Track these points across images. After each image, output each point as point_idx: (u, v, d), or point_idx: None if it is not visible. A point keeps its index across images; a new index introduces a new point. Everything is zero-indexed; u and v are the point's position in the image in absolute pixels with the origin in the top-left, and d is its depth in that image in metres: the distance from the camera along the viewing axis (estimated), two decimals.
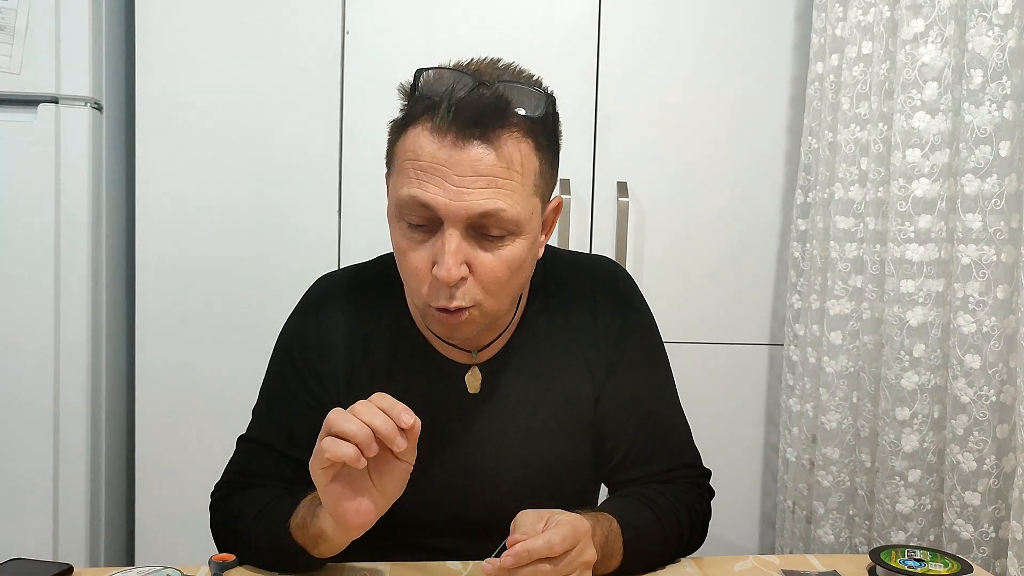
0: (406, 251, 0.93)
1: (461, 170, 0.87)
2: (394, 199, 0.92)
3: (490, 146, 0.88)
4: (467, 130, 0.87)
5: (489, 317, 0.96)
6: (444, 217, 0.88)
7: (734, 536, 1.96)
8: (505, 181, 0.89)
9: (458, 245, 0.89)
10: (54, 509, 1.68)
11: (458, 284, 0.90)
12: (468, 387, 1.06)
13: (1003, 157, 1.29)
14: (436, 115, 0.87)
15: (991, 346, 1.30)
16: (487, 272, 0.91)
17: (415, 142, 0.89)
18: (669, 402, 1.14)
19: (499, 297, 0.94)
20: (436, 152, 0.87)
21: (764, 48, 1.88)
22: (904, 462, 1.44)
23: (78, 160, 1.66)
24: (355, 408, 0.82)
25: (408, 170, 0.89)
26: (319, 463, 0.83)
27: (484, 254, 0.91)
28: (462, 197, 0.87)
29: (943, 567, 1.02)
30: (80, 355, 1.68)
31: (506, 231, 0.91)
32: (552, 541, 0.83)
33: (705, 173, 1.89)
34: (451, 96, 0.87)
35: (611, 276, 1.14)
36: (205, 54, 1.76)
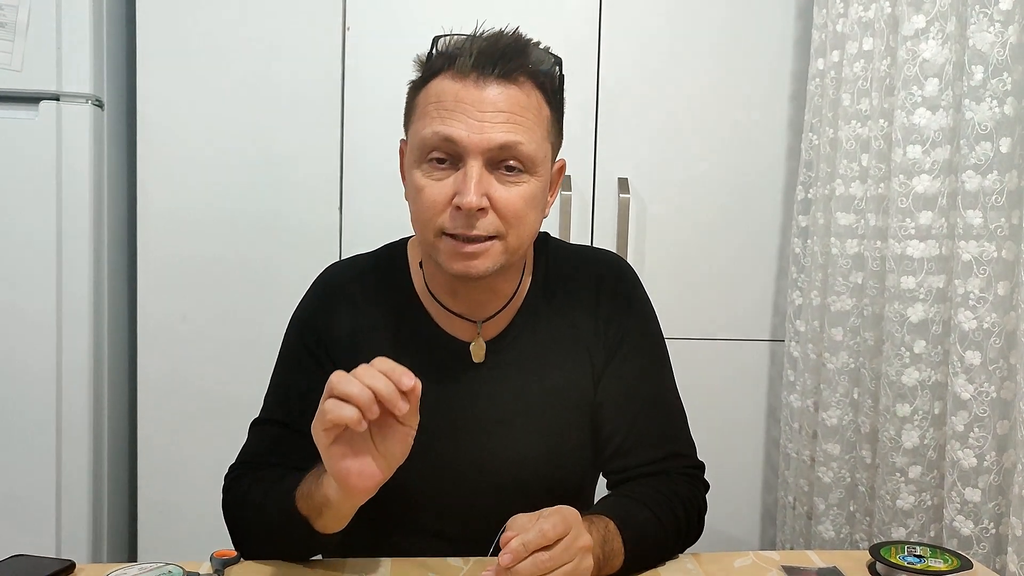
0: (425, 188, 0.97)
1: (482, 107, 0.94)
2: (416, 142, 0.98)
3: (508, 86, 0.96)
4: (487, 71, 0.95)
5: (508, 253, 0.99)
6: (467, 149, 0.94)
7: (735, 532, 1.96)
8: (522, 119, 0.96)
9: (480, 175, 0.94)
10: (57, 506, 1.69)
11: (478, 214, 0.95)
12: (473, 356, 1.08)
13: (1004, 153, 1.29)
14: (458, 60, 0.95)
15: (992, 342, 1.30)
16: (506, 205, 0.96)
17: (438, 88, 0.97)
18: (667, 390, 1.15)
19: (517, 230, 0.98)
20: (459, 92, 0.95)
21: (765, 44, 1.88)
22: (904, 458, 1.44)
23: (79, 157, 1.66)
24: (356, 371, 0.83)
25: (431, 111, 0.96)
26: (321, 424, 0.84)
27: (502, 188, 0.96)
28: (483, 130, 0.94)
29: (943, 563, 1.02)
30: (82, 353, 1.69)
31: (522, 166, 0.97)
32: (544, 528, 0.84)
33: (706, 169, 1.89)
34: (471, 45, 0.96)
35: (614, 267, 1.16)
36: (206, 51, 1.76)
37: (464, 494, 1.09)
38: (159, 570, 0.87)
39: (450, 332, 1.09)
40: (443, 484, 1.08)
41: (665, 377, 1.16)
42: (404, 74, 1.71)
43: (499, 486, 1.08)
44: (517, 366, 1.10)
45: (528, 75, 0.97)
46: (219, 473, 1.79)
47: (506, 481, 1.08)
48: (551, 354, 1.11)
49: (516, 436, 1.09)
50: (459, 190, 0.94)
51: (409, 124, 1.02)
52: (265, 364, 1.77)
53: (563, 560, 0.85)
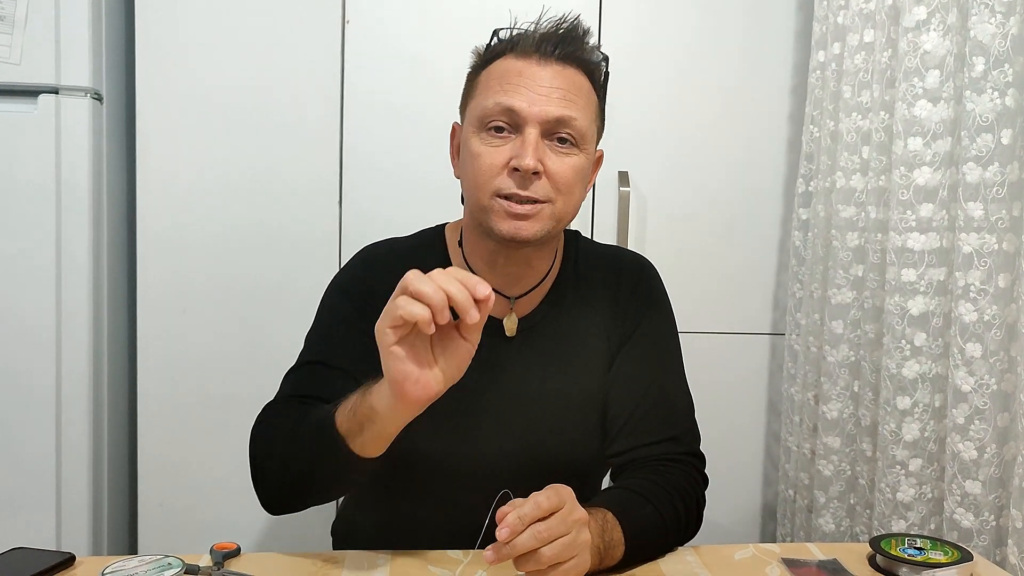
0: (483, 154, 1.04)
1: (542, 82, 1.03)
2: (477, 113, 1.06)
3: (565, 67, 1.06)
4: (547, 52, 1.05)
5: (555, 219, 1.06)
6: (525, 118, 1.02)
7: (735, 525, 1.96)
8: (576, 97, 1.05)
9: (537, 141, 1.03)
10: (56, 499, 1.69)
11: (533, 178, 1.03)
12: (506, 330, 1.14)
13: (1005, 145, 1.28)
14: (521, 43, 1.05)
15: (992, 335, 1.30)
16: (558, 172, 1.04)
17: (501, 66, 1.06)
18: (675, 379, 1.20)
19: (565, 198, 1.06)
20: (522, 68, 1.04)
21: (766, 36, 1.88)
22: (905, 451, 1.44)
23: (79, 151, 1.66)
24: (432, 273, 0.84)
25: (495, 85, 1.05)
26: (389, 321, 0.83)
27: (555, 157, 1.04)
28: (541, 103, 1.03)
29: (943, 555, 1.02)
30: (82, 345, 1.69)
31: (573, 140, 1.05)
32: (539, 500, 0.85)
33: (706, 162, 1.88)
34: (534, 31, 1.06)
35: (637, 264, 1.24)
36: (205, 44, 1.75)
37: (479, 466, 1.11)
38: (159, 562, 0.87)
39: None
40: (460, 454, 1.11)
41: (674, 367, 1.21)
42: (402, 64, 1.71)
43: (514, 461, 1.11)
44: (544, 344, 1.15)
45: (581, 63, 1.07)
46: (218, 466, 1.80)
47: (522, 457, 1.12)
48: (574, 337, 1.17)
49: (536, 413, 1.13)
50: (517, 154, 1.02)
51: (468, 102, 1.10)
52: (265, 357, 1.79)
53: (560, 531, 0.86)
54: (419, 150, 1.80)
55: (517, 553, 0.84)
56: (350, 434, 0.92)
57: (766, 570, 1.03)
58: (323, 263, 1.80)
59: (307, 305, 1.21)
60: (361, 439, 0.92)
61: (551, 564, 0.85)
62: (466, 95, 1.11)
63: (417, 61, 1.79)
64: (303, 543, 1.81)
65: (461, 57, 1.15)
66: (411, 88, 1.80)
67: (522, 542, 0.84)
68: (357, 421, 0.91)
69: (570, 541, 0.87)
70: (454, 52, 1.77)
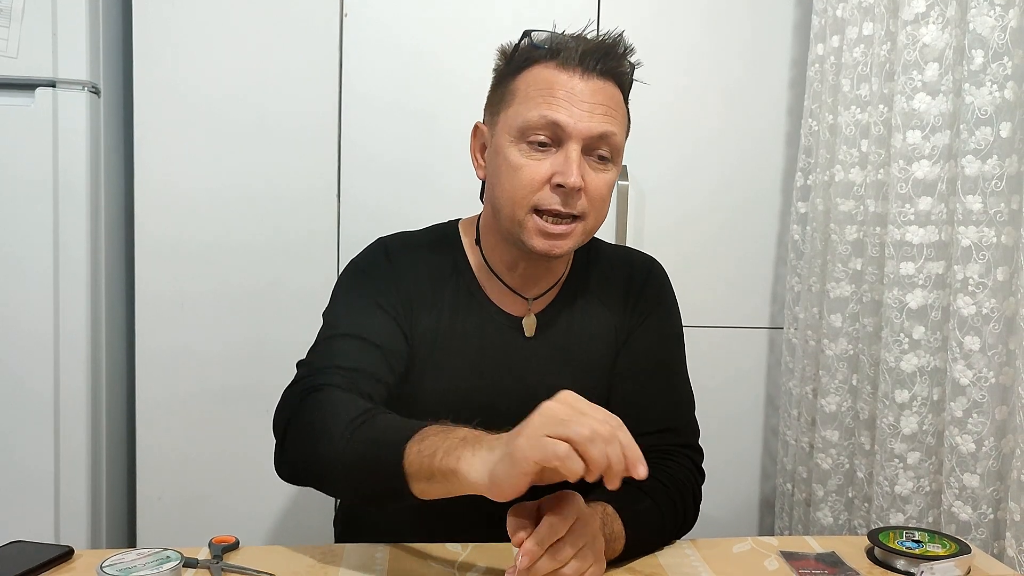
0: (524, 167, 1.04)
1: (585, 97, 1.03)
2: (517, 123, 1.05)
3: (606, 82, 1.05)
4: (591, 66, 1.04)
5: (586, 234, 1.09)
6: (570, 134, 1.02)
7: (733, 519, 1.96)
8: (615, 112, 1.06)
9: (580, 158, 1.03)
10: (55, 492, 1.69)
11: (576, 194, 1.04)
12: (525, 330, 1.17)
13: (1004, 138, 1.28)
14: (563, 54, 1.04)
15: (991, 328, 1.30)
16: (595, 188, 1.05)
17: (541, 75, 1.05)
18: (676, 373, 1.22)
19: (597, 213, 1.08)
20: (566, 81, 1.03)
21: (765, 30, 1.87)
22: (903, 444, 1.44)
23: (76, 144, 1.65)
24: (599, 431, 0.77)
25: (536, 96, 1.04)
26: (540, 457, 0.76)
27: (593, 173, 1.05)
28: (585, 119, 1.03)
29: (941, 548, 1.03)
30: (80, 339, 1.68)
31: (610, 156, 1.06)
32: (554, 522, 0.85)
33: (705, 156, 1.88)
34: (577, 41, 1.05)
35: (647, 265, 1.26)
36: (203, 38, 1.75)
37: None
38: (157, 555, 0.87)
39: (501, 306, 1.17)
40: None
41: (677, 364, 1.23)
42: (401, 58, 1.71)
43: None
44: (559, 342, 1.18)
45: (618, 76, 1.07)
46: (217, 460, 1.80)
47: None
48: (586, 335, 1.19)
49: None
50: (561, 171, 1.02)
51: (504, 106, 1.08)
52: (264, 350, 1.79)
53: (577, 546, 0.87)
54: (420, 148, 1.80)
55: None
56: (415, 476, 0.86)
57: (764, 563, 1.03)
58: (322, 259, 1.80)
59: (306, 300, 1.21)
60: (425, 486, 0.87)
61: None
62: (498, 99, 1.10)
63: (416, 57, 1.79)
64: (303, 537, 1.81)
65: (462, 52, 1.15)
66: (411, 84, 1.79)
67: (542, 566, 0.84)
68: (430, 472, 0.85)
69: (587, 553, 0.88)
70: (454, 47, 1.78)
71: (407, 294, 1.14)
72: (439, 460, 0.84)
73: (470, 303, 1.16)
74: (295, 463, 1.02)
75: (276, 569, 0.96)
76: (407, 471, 0.86)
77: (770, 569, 1.01)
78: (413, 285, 1.14)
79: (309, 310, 1.18)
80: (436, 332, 1.14)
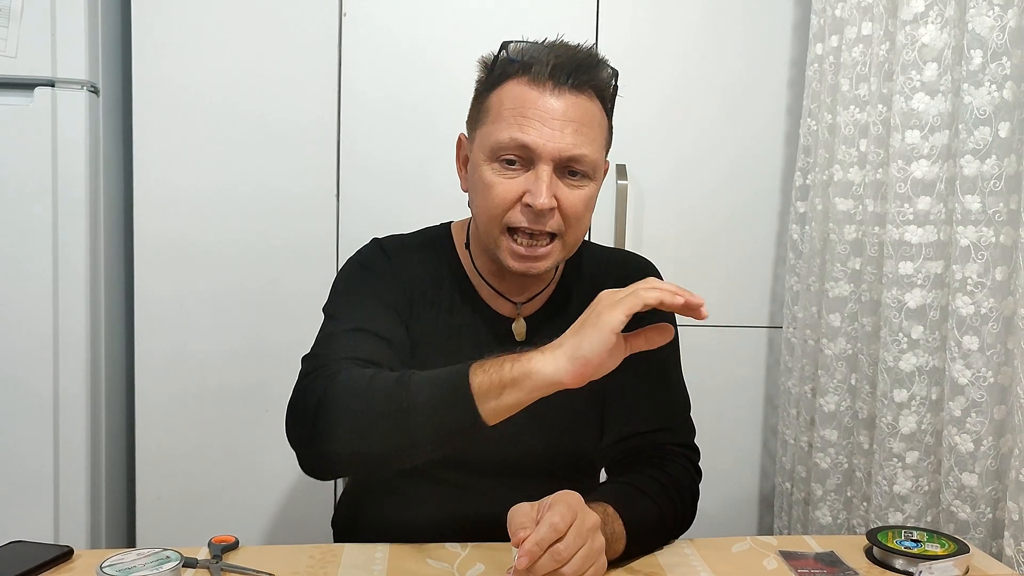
0: (495, 185, 1.04)
1: (555, 114, 1.02)
2: (489, 143, 1.04)
3: (578, 96, 1.03)
4: (562, 81, 1.02)
5: (565, 251, 1.08)
6: (540, 155, 1.02)
7: (732, 518, 1.97)
8: (588, 129, 1.04)
9: (551, 179, 1.02)
10: (55, 493, 1.69)
11: (547, 214, 1.03)
12: (515, 335, 1.16)
13: (1002, 138, 1.28)
14: (534, 68, 1.02)
15: (989, 328, 1.30)
16: (569, 206, 1.04)
17: (513, 92, 1.04)
18: (671, 373, 1.21)
19: (575, 230, 1.07)
20: (536, 99, 1.02)
21: (764, 30, 1.88)
22: (902, 444, 1.44)
23: (75, 144, 1.66)
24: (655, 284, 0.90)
25: (508, 116, 1.03)
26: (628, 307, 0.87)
27: (567, 191, 1.05)
28: (556, 139, 1.01)
29: (940, 547, 1.03)
30: (79, 339, 1.68)
31: (585, 173, 1.05)
32: (553, 522, 0.85)
33: (704, 155, 1.88)
34: (549, 55, 1.03)
35: (641, 266, 1.25)
36: (202, 37, 1.75)
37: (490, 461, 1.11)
38: (157, 555, 0.87)
39: (494, 308, 1.17)
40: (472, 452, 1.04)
41: (672, 362, 1.22)
42: (400, 57, 1.71)
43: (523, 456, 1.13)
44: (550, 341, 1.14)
45: (594, 88, 1.05)
46: (217, 459, 1.80)
47: (530, 453, 1.13)
48: None
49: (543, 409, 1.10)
50: (531, 191, 1.02)
51: (479, 123, 1.08)
52: (263, 350, 1.79)
53: (578, 545, 0.86)
54: (419, 149, 1.80)
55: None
56: (485, 395, 0.87)
57: (763, 562, 1.03)
58: (321, 261, 1.80)
59: (305, 301, 1.21)
60: (495, 403, 0.87)
61: None
62: (475, 115, 1.10)
63: (416, 58, 1.79)
64: (302, 537, 1.81)
65: (460, 54, 1.15)
66: (410, 86, 1.79)
67: (542, 565, 0.84)
68: (500, 385, 0.87)
69: (587, 552, 0.88)
70: (454, 49, 1.78)
71: (407, 291, 1.14)
72: (507, 371, 0.87)
73: (465, 303, 1.17)
74: (331, 442, 0.94)
75: (275, 569, 0.96)
76: (476, 392, 0.88)
77: (769, 568, 1.01)
78: (412, 283, 1.15)
79: (308, 311, 1.18)
80: (434, 330, 1.14)
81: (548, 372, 0.86)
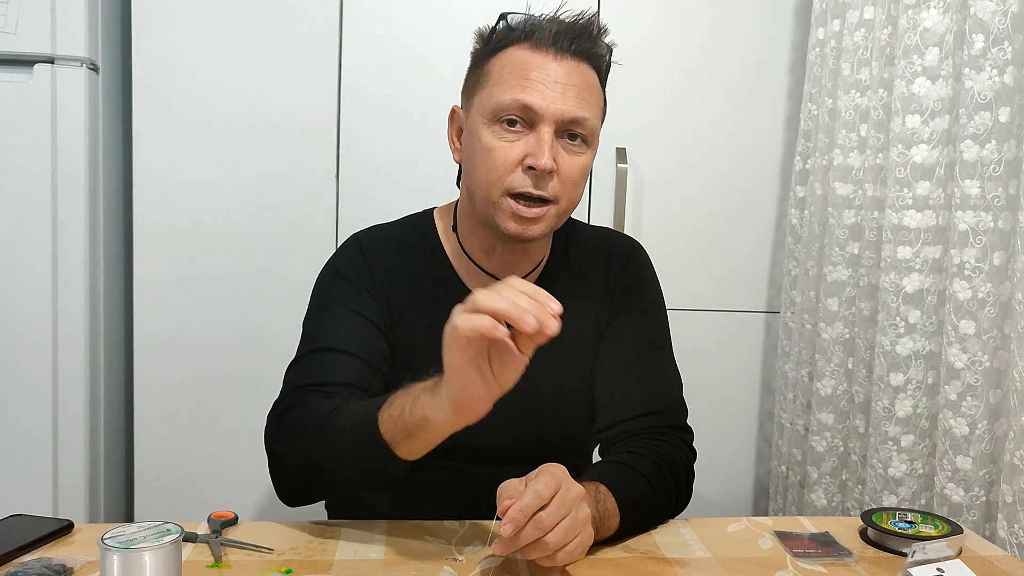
0: (496, 149, 1.04)
1: (558, 78, 1.03)
2: (491, 104, 1.04)
3: (580, 63, 1.05)
4: (564, 47, 1.03)
5: (559, 218, 1.08)
6: (543, 116, 1.02)
7: (728, 501, 1.98)
8: (588, 95, 1.05)
9: (552, 140, 1.03)
10: (54, 467, 1.69)
11: (548, 177, 1.03)
12: None
13: (1003, 123, 1.28)
14: (536, 35, 1.04)
15: (986, 312, 1.30)
16: (568, 171, 1.05)
17: (515, 56, 1.04)
18: (662, 353, 1.21)
19: (571, 196, 1.07)
20: (539, 63, 1.03)
21: (765, 14, 1.87)
22: (897, 427, 1.45)
23: (74, 121, 1.65)
24: (497, 287, 0.82)
25: (508, 77, 1.03)
26: (457, 342, 0.80)
27: (566, 155, 1.05)
28: (558, 101, 1.02)
29: (933, 529, 1.04)
30: (79, 319, 1.69)
31: (584, 138, 1.06)
32: (537, 489, 0.85)
33: (704, 139, 1.88)
34: (551, 23, 1.04)
35: (627, 246, 1.25)
36: (203, 17, 1.74)
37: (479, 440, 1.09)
38: (158, 528, 0.88)
39: None
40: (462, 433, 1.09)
41: (661, 344, 1.22)
42: (400, 39, 1.68)
43: (513, 436, 1.13)
44: None
45: (592, 58, 1.07)
46: (216, 436, 1.81)
47: (520, 432, 1.13)
48: (567, 318, 1.15)
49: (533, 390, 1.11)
50: (533, 152, 1.02)
51: (478, 88, 1.08)
52: (261, 330, 1.79)
53: (561, 515, 0.86)
54: (418, 141, 1.80)
55: (522, 545, 0.85)
56: (395, 441, 0.91)
57: (759, 542, 1.04)
58: (320, 247, 1.80)
59: (304, 287, 1.20)
60: (408, 445, 0.91)
61: (557, 548, 0.86)
62: (473, 81, 1.10)
63: (415, 52, 1.79)
64: (297, 518, 1.82)
65: (461, 44, 1.14)
66: (410, 79, 1.79)
67: (526, 535, 0.84)
68: (405, 429, 0.89)
69: (571, 522, 0.87)
70: (453, 43, 1.76)
71: (385, 295, 1.14)
72: (408, 416, 0.88)
73: (448, 293, 1.15)
74: (292, 476, 1.04)
75: (275, 544, 0.97)
76: (387, 439, 0.91)
77: (764, 548, 1.02)
78: (390, 285, 1.14)
79: (307, 297, 1.18)
80: (416, 328, 1.14)
81: (440, 419, 0.86)
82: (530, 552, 0.86)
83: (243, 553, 0.95)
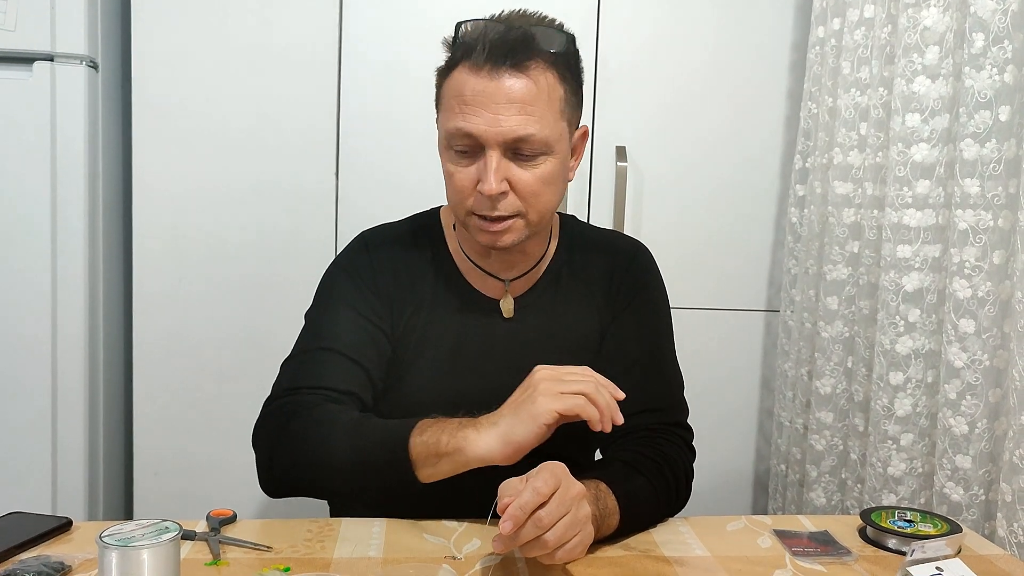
0: (453, 174, 1.06)
1: (496, 99, 1.01)
2: (443, 132, 1.06)
3: (519, 76, 1.01)
4: (499, 64, 1.01)
5: (530, 227, 1.08)
6: (485, 142, 1.02)
7: (727, 499, 1.98)
8: (533, 107, 1.02)
9: (498, 164, 1.02)
10: (52, 465, 1.69)
11: (499, 198, 1.04)
12: (503, 312, 1.17)
13: (1003, 122, 1.28)
14: (473, 54, 1.01)
15: (986, 311, 1.30)
16: (525, 186, 1.04)
17: (457, 80, 1.03)
18: (664, 353, 1.21)
19: (536, 207, 1.07)
20: (475, 85, 1.01)
21: (766, 12, 1.87)
22: (897, 426, 1.45)
23: (74, 119, 1.65)
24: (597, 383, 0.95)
25: (454, 106, 1.03)
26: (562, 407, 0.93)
27: (521, 171, 1.04)
28: (499, 124, 1.01)
29: (932, 527, 1.04)
30: (78, 314, 1.69)
31: (538, 151, 1.04)
32: (536, 487, 0.85)
33: (704, 138, 1.88)
34: (484, 38, 1.01)
35: (632, 248, 1.26)
36: (202, 13, 1.74)
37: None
38: (156, 526, 0.88)
39: (482, 290, 1.18)
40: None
41: (663, 344, 1.22)
42: (398, 42, 1.68)
43: None
44: (539, 324, 1.18)
45: (538, 59, 1.03)
46: (214, 435, 1.81)
47: None
48: (568, 317, 1.19)
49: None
50: (481, 178, 1.03)
51: (437, 110, 1.09)
52: (260, 326, 1.79)
53: (560, 513, 0.86)
54: (416, 151, 1.80)
55: (522, 543, 0.85)
56: (422, 463, 0.97)
57: (758, 540, 1.04)
58: (320, 250, 1.80)
59: (303, 288, 1.21)
60: (432, 470, 0.97)
61: (557, 546, 0.86)
62: (436, 98, 1.10)
63: (413, 65, 1.78)
64: (296, 515, 1.82)
65: None
66: (409, 85, 1.79)
67: (526, 532, 0.84)
68: (437, 453, 0.96)
69: (571, 520, 0.87)
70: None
71: (388, 294, 1.15)
72: (444, 444, 0.95)
73: (449, 291, 1.17)
74: (287, 472, 1.05)
75: (273, 542, 0.97)
76: (414, 460, 0.96)
77: (763, 547, 1.02)
78: (394, 283, 1.16)
79: (306, 299, 1.18)
80: (418, 327, 1.15)
81: (480, 452, 0.94)
82: (529, 550, 0.86)
83: (241, 551, 0.95)
